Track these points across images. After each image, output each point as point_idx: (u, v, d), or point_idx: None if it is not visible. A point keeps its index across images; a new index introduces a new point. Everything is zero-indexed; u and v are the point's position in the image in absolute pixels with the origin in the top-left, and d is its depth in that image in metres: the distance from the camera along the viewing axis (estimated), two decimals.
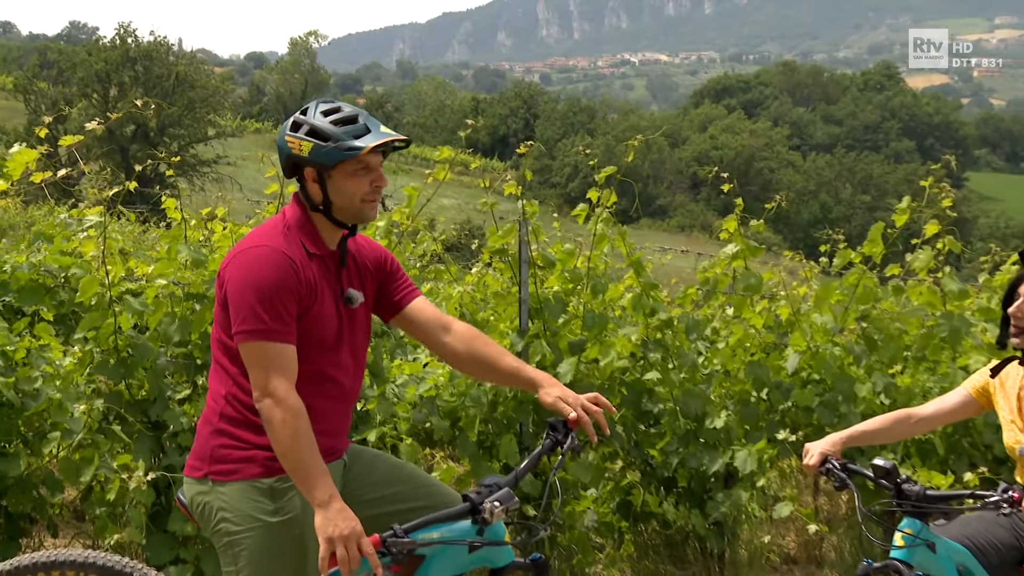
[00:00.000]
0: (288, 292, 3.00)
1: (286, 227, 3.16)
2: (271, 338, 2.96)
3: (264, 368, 2.96)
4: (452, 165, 5.90)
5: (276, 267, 3.00)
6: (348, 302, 3.21)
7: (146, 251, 8.51)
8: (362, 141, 3.06)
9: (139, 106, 4.69)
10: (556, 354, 5.66)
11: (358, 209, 3.15)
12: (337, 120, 3.09)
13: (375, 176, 3.13)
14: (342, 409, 3.26)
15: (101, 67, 56.19)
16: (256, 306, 2.96)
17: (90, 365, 5.09)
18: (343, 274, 3.23)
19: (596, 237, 5.83)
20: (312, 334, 3.09)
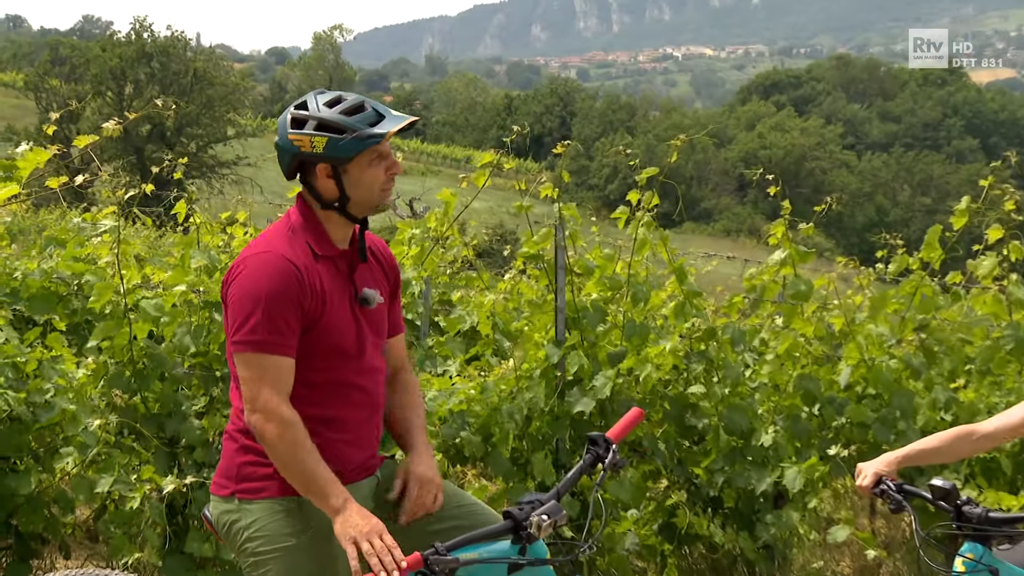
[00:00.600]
0: (289, 302, 3.01)
1: (291, 230, 3.17)
2: (265, 350, 2.98)
3: (255, 381, 2.99)
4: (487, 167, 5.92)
5: (277, 274, 3.02)
6: (364, 303, 3.22)
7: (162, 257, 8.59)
8: (381, 127, 3.09)
9: (159, 106, 4.72)
10: (594, 365, 5.66)
11: (377, 200, 3.18)
12: (346, 110, 3.11)
13: (389, 163, 3.17)
14: (371, 418, 3.27)
15: (116, 63, 56.73)
16: (252, 315, 2.98)
17: (104, 377, 5.14)
18: (356, 274, 3.24)
19: (637, 242, 5.82)
20: (329, 342, 3.10)
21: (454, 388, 5.81)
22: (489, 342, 7.09)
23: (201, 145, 56.04)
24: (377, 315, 3.28)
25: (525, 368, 5.79)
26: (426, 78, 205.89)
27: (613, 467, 3.21)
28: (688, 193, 76.82)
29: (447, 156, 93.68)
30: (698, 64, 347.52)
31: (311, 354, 3.08)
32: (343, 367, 3.15)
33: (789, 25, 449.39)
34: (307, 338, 3.07)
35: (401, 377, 3.46)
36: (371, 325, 3.25)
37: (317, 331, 3.08)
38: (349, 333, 3.15)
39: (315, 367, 3.10)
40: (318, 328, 3.08)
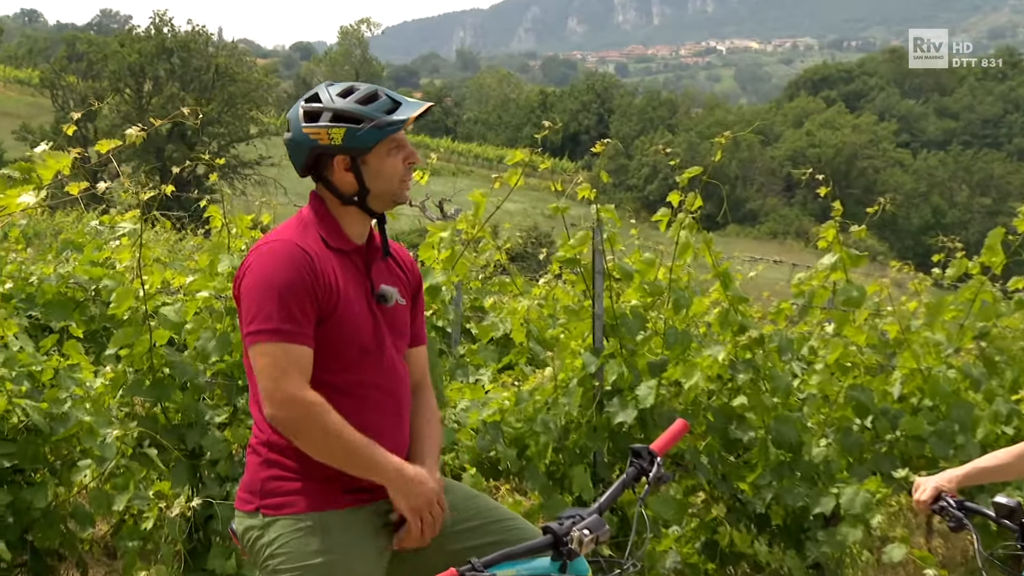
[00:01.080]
0: (303, 288, 3.02)
1: (303, 224, 3.20)
2: (283, 339, 2.99)
3: (273, 372, 2.98)
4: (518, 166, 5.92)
5: (289, 261, 3.03)
6: (382, 300, 3.22)
7: (183, 261, 8.65)
8: (399, 114, 3.12)
9: (184, 114, 4.75)
10: (634, 375, 5.65)
11: (397, 191, 3.20)
12: (361, 99, 3.13)
13: (408, 152, 3.19)
14: (396, 421, 3.25)
15: (135, 59, 57.29)
16: (266, 304, 2.99)
17: (123, 386, 5.18)
18: (373, 271, 3.25)
19: (679, 246, 5.81)
20: (345, 337, 3.10)
21: (487, 398, 5.82)
22: (523, 350, 7.10)
23: (223, 144, 56.45)
24: (397, 316, 3.28)
25: (561, 377, 5.79)
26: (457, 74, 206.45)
27: (658, 481, 3.19)
28: (732, 194, 76.53)
29: (479, 155, 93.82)
30: (743, 58, 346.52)
31: (328, 351, 3.08)
32: (362, 365, 3.14)
33: (840, 17, 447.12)
34: (322, 332, 3.07)
35: (420, 398, 3.44)
36: (390, 324, 3.25)
37: (332, 323, 3.08)
38: (366, 328, 3.15)
39: (332, 367, 3.09)
40: (333, 320, 3.08)
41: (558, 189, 5.87)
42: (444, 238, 5.87)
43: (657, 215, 5.93)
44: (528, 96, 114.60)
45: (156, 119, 4.87)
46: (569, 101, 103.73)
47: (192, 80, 57.91)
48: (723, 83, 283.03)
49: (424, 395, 3.45)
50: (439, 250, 5.99)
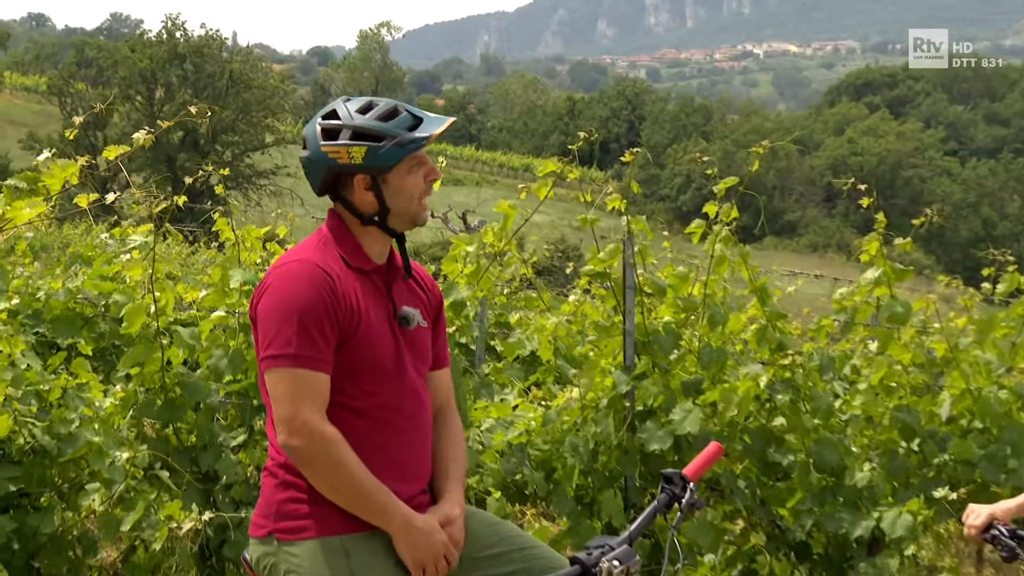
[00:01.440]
0: (323, 311, 3.02)
1: (322, 243, 3.21)
2: (301, 364, 2.99)
3: (290, 399, 2.99)
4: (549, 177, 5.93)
5: (310, 282, 3.04)
6: (404, 322, 3.23)
7: (195, 275, 8.69)
8: (421, 131, 3.13)
9: (193, 115, 4.77)
10: (667, 396, 5.64)
11: (416, 212, 3.21)
12: (381, 116, 3.14)
13: (428, 169, 3.21)
14: (417, 446, 3.26)
15: (146, 65, 57.65)
16: (284, 327, 3.00)
17: (134, 406, 5.20)
18: (394, 291, 3.26)
19: (714, 259, 5.80)
20: (366, 360, 3.11)
21: (513, 418, 5.82)
22: (551, 369, 7.10)
23: (237, 153, 56.68)
24: (418, 338, 3.29)
25: (591, 397, 5.78)
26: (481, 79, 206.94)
27: (691, 508, 3.18)
28: (770, 204, 76.35)
29: (503, 164, 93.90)
30: (781, 62, 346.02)
31: (348, 374, 3.09)
32: (382, 388, 3.15)
33: (883, 19, 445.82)
34: (342, 354, 3.08)
35: (444, 421, 3.45)
36: (411, 347, 3.26)
37: (352, 345, 3.08)
38: (387, 350, 3.16)
39: (353, 391, 3.10)
40: (353, 343, 3.08)
41: (587, 200, 5.87)
42: (469, 252, 5.88)
43: (691, 227, 5.93)
44: (555, 102, 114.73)
45: (163, 121, 4.89)
46: (598, 108, 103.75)
47: (205, 87, 58.20)
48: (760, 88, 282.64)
49: (448, 417, 3.46)
50: (463, 264, 6.01)
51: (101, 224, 10.72)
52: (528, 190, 5.93)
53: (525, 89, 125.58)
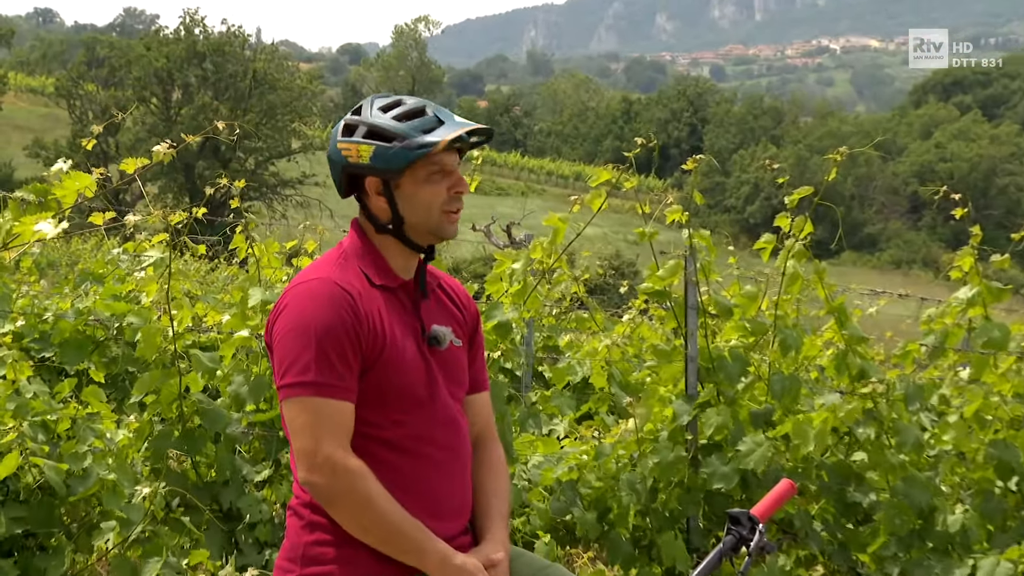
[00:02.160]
0: (344, 334, 3.02)
1: (343, 257, 3.22)
2: (321, 393, 2.98)
3: (310, 432, 2.98)
4: (603, 187, 5.94)
5: (329, 303, 3.03)
6: (434, 342, 3.22)
7: (215, 294, 8.75)
8: (435, 135, 3.10)
9: (220, 129, 4.81)
10: (734, 427, 5.62)
11: (436, 224, 3.18)
12: (400, 115, 3.14)
13: (453, 180, 3.17)
14: (455, 479, 3.24)
15: (162, 65, 58.15)
16: (303, 353, 2.99)
17: (148, 438, 5.23)
18: (423, 309, 3.26)
19: (786, 277, 5.78)
20: (393, 387, 3.10)
21: (562, 453, 5.81)
22: (604, 397, 7.08)
23: (261, 161, 57.05)
24: (452, 359, 3.29)
25: (648, 429, 5.77)
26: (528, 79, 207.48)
27: (760, 551, 3.17)
28: (848, 216, 75.98)
29: (552, 173, 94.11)
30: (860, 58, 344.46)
31: (374, 403, 3.09)
32: (414, 417, 3.14)
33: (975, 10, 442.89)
34: (367, 381, 3.08)
35: (484, 450, 3.44)
36: (444, 370, 3.25)
37: (378, 370, 3.08)
38: (417, 374, 3.16)
39: (380, 421, 3.09)
40: (379, 366, 3.08)
41: (644, 211, 5.87)
42: (515, 269, 5.89)
43: (760, 242, 5.91)
44: (609, 104, 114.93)
45: (186, 133, 4.92)
46: (657, 109, 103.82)
47: (227, 88, 58.64)
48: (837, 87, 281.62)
49: (489, 446, 3.46)
50: (509, 282, 6.02)
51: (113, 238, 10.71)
52: (580, 202, 5.93)
53: (576, 89, 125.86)
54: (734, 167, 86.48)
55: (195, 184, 51.66)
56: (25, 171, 53.61)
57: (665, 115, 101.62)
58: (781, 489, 3.39)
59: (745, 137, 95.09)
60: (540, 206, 59.58)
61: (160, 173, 50.90)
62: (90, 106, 59.72)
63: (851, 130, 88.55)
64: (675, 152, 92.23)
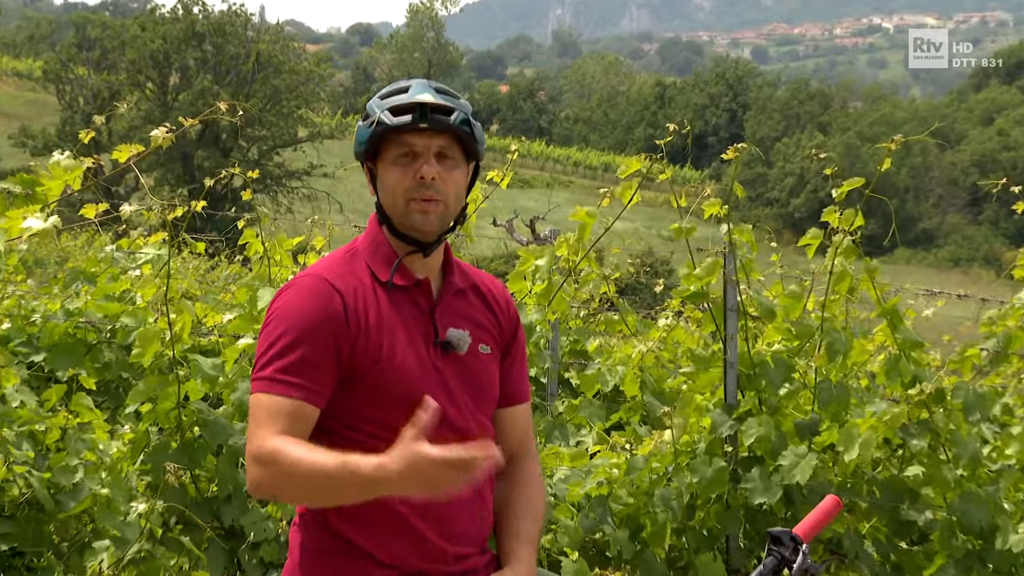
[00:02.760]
0: (320, 334, 3.02)
1: (351, 252, 3.24)
2: (274, 390, 2.98)
3: (252, 430, 2.98)
4: (634, 177, 5.94)
5: (312, 299, 3.06)
6: (448, 348, 3.19)
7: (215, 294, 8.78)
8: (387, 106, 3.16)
9: (222, 111, 4.82)
10: (777, 438, 5.61)
11: (401, 213, 3.15)
12: (386, 93, 3.20)
13: (420, 164, 3.12)
14: (474, 500, 3.21)
15: (158, 46, 58.21)
16: (273, 347, 3.02)
17: (145, 450, 5.24)
18: (439, 311, 3.22)
19: (833, 275, 5.78)
20: (395, 398, 3.07)
21: (592, 466, 5.81)
22: (636, 406, 7.09)
23: (265, 150, 57.14)
24: (475, 368, 3.25)
25: (685, 441, 5.78)
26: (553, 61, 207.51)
27: (804, 573, 3.18)
28: (902, 209, 75.70)
29: (579, 163, 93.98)
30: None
31: (374, 416, 3.07)
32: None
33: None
34: (362, 389, 3.07)
35: (517, 466, 3.41)
36: (462, 379, 3.21)
37: (375, 376, 3.07)
38: (424, 382, 3.11)
39: (381, 433, 3.02)
40: (376, 372, 3.07)
41: (680, 205, 5.88)
42: (540, 267, 5.90)
43: (806, 238, 5.91)
44: (641, 88, 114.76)
45: (185, 118, 4.92)
46: (693, 94, 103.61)
47: (228, 71, 58.76)
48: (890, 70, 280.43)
49: (523, 463, 3.43)
50: (532, 281, 6.03)
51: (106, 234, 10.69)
52: (610, 194, 5.93)
53: (605, 72, 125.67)
54: (777, 157, 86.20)
55: (193, 175, 51.73)
56: (11, 161, 53.67)
57: (702, 100, 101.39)
58: (826, 506, 3.39)
59: (789, 124, 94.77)
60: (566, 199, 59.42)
61: (156, 163, 51.02)
62: (81, 91, 59.90)
63: (905, 116, 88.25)
64: (713, 140, 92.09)
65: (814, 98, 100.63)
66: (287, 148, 58.48)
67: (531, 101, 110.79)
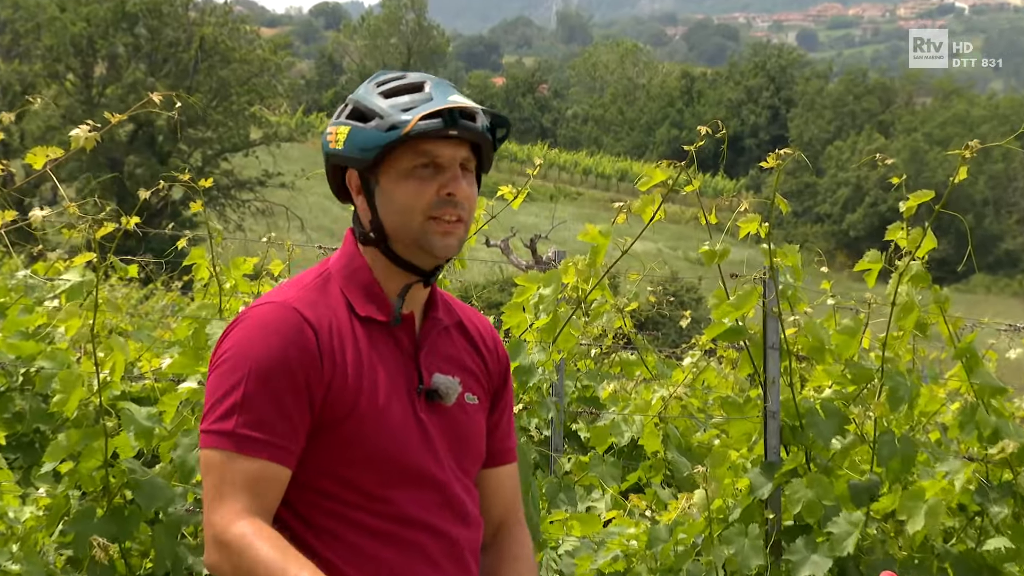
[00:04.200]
0: (290, 378, 3.00)
1: (324, 276, 3.21)
2: (242, 448, 2.96)
3: (213, 496, 2.97)
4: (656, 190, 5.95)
5: (277, 335, 3.02)
6: (434, 396, 3.18)
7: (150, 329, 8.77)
8: (416, 112, 3.08)
9: (156, 103, 4.83)
10: (827, 503, 5.61)
11: (418, 233, 3.12)
12: (392, 89, 3.16)
13: (447, 178, 3.12)
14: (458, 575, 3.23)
15: (80, 29, 58.17)
16: (230, 395, 2.99)
17: (64, 519, 5.23)
18: (424, 354, 3.21)
19: (896, 307, 5.78)
20: (370, 453, 3.07)
21: (606, 535, 5.81)
22: (658, 464, 7.10)
23: (210, 155, 57.14)
24: (461, 420, 3.25)
25: (717, 506, 5.78)
26: (558, 48, 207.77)
27: None
28: (980, 228, 75.82)
29: (589, 170, 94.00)
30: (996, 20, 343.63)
31: (344, 473, 3.06)
32: (400, 493, 3.10)
33: None
34: (335, 442, 3.06)
35: (507, 538, 3.43)
36: (449, 433, 3.21)
37: (349, 429, 3.05)
38: (406, 437, 3.11)
39: (354, 499, 3.06)
40: (351, 423, 3.05)
41: (711, 222, 5.89)
42: (544, 296, 5.90)
43: (864, 261, 5.91)
44: (665, 81, 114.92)
45: (113, 115, 4.92)
46: (727, 88, 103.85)
47: (165, 60, 58.76)
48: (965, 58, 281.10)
49: (513, 533, 3.44)
50: (534, 314, 6.03)
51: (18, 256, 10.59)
52: (627, 209, 5.94)
53: (621, 62, 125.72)
54: (829, 163, 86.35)
55: (124, 185, 51.65)
56: None
57: (738, 95, 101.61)
58: None
59: (843, 124, 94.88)
60: (574, 214, 59.57)
61: (79, 170, 50.90)
62: None
63: (984, 115, 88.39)
64: (751, 144, 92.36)
65: (873, 92, 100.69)
66: (237, 153, 58.42)
67: (531, 96, 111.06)
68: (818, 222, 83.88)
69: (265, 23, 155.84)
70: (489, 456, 3.39)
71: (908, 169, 59.51)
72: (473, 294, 20.13)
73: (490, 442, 3.39)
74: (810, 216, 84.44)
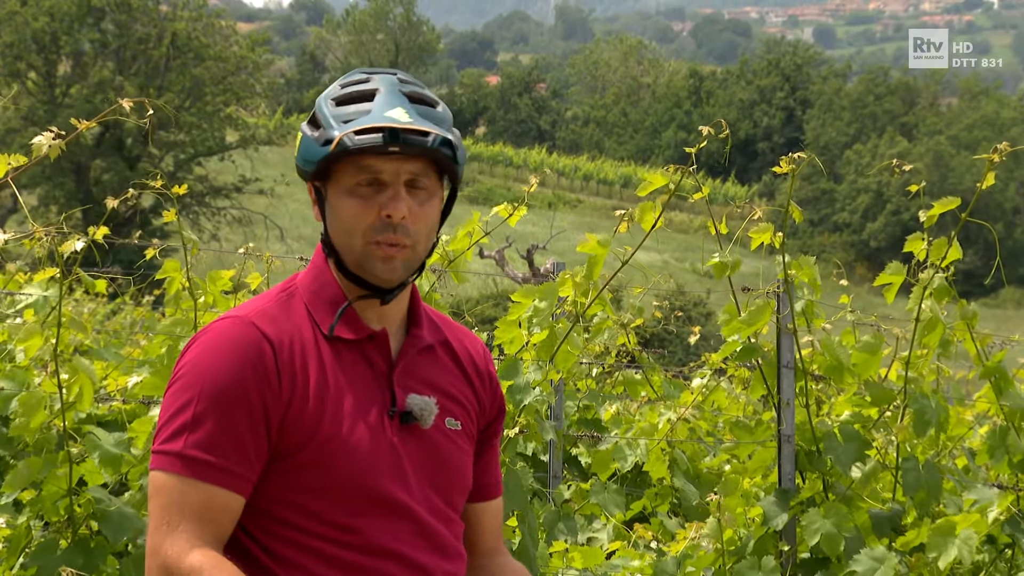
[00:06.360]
0: (244, 398, 2.99)
1: (288, 292, 3.21)
2: (191, 471, 2.96)
3: (159, 521, 2.96)
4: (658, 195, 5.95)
5: (232, 353, 3.02)
6: (408, 419, 3.16)
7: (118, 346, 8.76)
8: (358, 123, 3.05)
9: (126, 109, 4.83)
10: (851, 537, 5.60)
11: (360, 256, 3.11)
12: (344, 96, 3.15)
13: (387, 197, 3.09)
14: None
15: (43, 25, 58.14)
16: (181, 414, 2.99)
17: (25, 551, 5.23)
18: (398, 373, 3.19)
19: (920, 324, 5.79)
20: (336, 480, 3.06)
21: (609, 568, 5.81)
22: (665, 492, 7.10)
23: (183, 160, 57.13)
24: (440, 446, 3.23)
25: (728, 537, 5.78)
26: (557, 45, 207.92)
27: None
28: (1009, 237, 75.89)
29: (590, 176, 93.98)
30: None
31: (311, 500, 3.05)
32: (370, 522, 3.08)
33: None
34: (297, 468, 3.05)
35: (496, 568, 3.45)
36: (424, 459, 3.19)
37: (311, 453, 3.04)
38: (375, 462, 3.09)
39: (320, 529, 3.06)
40: (313, 448, 3.04)
41: (720, 231, 5.89)
42: (539, 310, 5.90)
43: (884, 275, 5.91)
44: (671, 80, 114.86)
45: (78, 120, 4.92)
46: (738, 88, 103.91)
47: (135, 57, 58.73)
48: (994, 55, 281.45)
49: (501, 563, 3.46)
50: (530, 330, 6.03)
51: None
52: (629, 217, 5.94)
53: (624, 60, 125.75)
54: (847, 169, 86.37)
55: (90, 192, 51.61)
56: None
57: (750, 95, 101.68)
58: None
59: (863, 126, 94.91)
60: (573, 223, 59.60)
61: (41, 177, 50.89)
62: None
63: (1014, 116, 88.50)
64: (764, 147, 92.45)
65: (895, 93, 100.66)
66: (212, 157, 58.40)
67: (528, 96, 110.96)
68: (836, 231, 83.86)
69: (242, 18, 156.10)
70: (477, 490, 3.39)
71: (932, 175, 59.66)
72: (465, 309, 20.27)
73: (478, 476, 3.40)
74: (827, 225, 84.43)
